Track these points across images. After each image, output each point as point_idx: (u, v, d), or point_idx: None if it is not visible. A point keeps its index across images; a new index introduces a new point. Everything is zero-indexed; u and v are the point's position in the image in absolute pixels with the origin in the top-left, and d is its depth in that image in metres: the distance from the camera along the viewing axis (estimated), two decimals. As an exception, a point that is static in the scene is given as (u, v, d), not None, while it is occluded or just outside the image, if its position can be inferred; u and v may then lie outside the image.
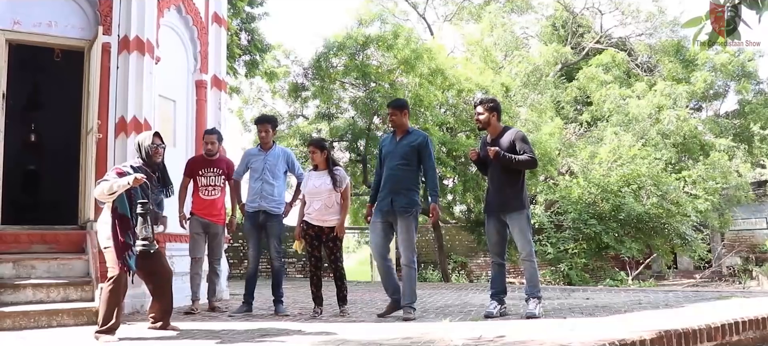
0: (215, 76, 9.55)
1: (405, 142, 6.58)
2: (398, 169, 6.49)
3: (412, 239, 6.42)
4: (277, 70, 18.81)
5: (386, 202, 6.47)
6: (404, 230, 6.41)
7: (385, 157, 6.65)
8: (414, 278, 6.47)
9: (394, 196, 6.44)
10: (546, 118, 20.73)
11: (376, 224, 6.57)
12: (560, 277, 17.99)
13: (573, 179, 19.55)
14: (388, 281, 6.58)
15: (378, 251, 6.62)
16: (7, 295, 6.53)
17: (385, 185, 6.54)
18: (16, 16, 7.69)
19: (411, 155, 6.52)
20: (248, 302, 7.12)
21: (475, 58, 21.25)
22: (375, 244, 6.64)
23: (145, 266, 5.38)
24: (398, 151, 6.55)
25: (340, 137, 17.97)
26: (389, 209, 6.45)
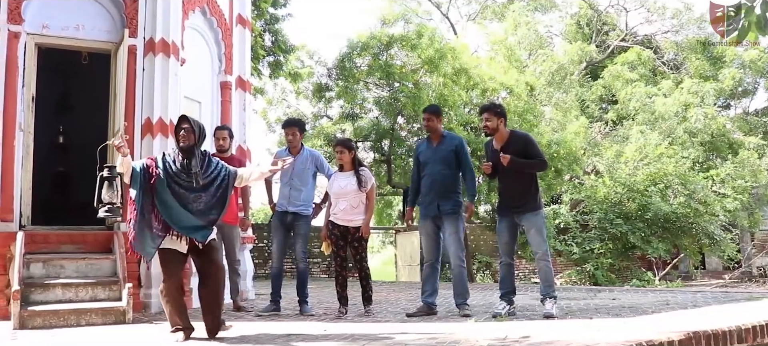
0: (240, 77, 9.60)
1: (443, 147, 6.76)
2: (441, 174, 6.69)
3: (460, 239, 6.68)
4: (301, 70, 18.87)
5: (433, 206, 6.68)
6: (453, 230, 6.65)
7: (424, 163, 6.81)
8: (465, 276, 6.82)
9: (440, 200, 6.65)
10: (571, 117, 20.58)
11: (426, 227, 6.78)
12: (586, 277, 17.86)
13: (599, 178, 19.41)
14: (431, 282, 6.72)
15: (430, 252, 6.78)
16: (38, 294, 6.63)
17: (429, 190, 6.71)
18: (45, 20, 7.79)
19: (451, 159, 6.73)
20: (276, 302, 7.13)
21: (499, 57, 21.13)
22: (427, 245, 6.81)
23: (196, 262, 5.21)
24: (438, 156, 6.74)
25: (364, 137, 17.98)
26: (436, 213, 6.66)
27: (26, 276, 6.76)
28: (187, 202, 4.91)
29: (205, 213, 4.97)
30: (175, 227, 4.89)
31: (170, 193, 4.87)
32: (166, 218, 4.87)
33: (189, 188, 4.93)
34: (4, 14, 7.52)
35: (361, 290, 6.96)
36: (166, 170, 4.92)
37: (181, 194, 4.89)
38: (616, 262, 17.86)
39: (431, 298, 6.67)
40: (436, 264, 6.79)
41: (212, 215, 5.02)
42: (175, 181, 4.91)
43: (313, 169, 7.41)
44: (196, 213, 4.93)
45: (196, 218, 4.93)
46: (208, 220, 5.01)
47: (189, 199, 4.91)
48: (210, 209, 5.00)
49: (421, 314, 6.54)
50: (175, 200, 4.87)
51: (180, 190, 4.90)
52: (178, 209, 4.88)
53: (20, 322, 6.17)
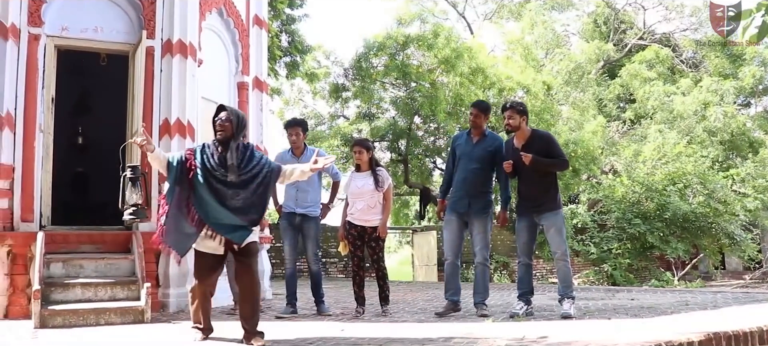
0: (256, 77, 9.63)
1: (482, 145, 6.68)
2: (474, 173, 6.62)
3: (488, 239, 6.65)
4: (318, 71, 18.93)
5: (463, 203, 6.61)
6: (481, 230, 6.60)
7: (460, 156, 6.73)
8: (488, 276, 6.74)
9: (471, 198, 6.59)
10: (588, 116, 20.50)
11: (452, 222, 6.69)
12: (604, 277, 17.76)
13: (616, 177, 19.30)
14: (453, 280, 6.68)
15: (452, 249, 6.70)
16: (58, 293, 6.69)
17: (461, 186, 6.64)
18: (64, 22, 7.86)
19: (487, 159, 6.65)
20: (293, 303, 7.08)
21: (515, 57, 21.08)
22: (450, 242, 6.71)
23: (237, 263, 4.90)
24: (475, 154, 6.66)
25: (381, 137, 18.01)
26: (466, 210, 6.60)
27: (46, 276, 6.82)
28: (225, 198, 4.57)
29: (245, 211, 4.63)
30: (211, 225, 4.60)
31: (207, 188, 4.55)
32: (202, 215, 4.57)
33: (227, 183, 4.58)
34: (25, 17, 7.59)
35: (379, 290, 6.95)
36: (203, 163, 4.60)
37: (219, 190, 4.56)
38: (635, 262, 17.74)
39: (456, 296, 6.65)
40: (456, 262, 6.73)
41: (252, 214, 4.68)
42: (213, 175, 4.58)
43: None
44: (235, 211, 4.59)
45: (235, 216, 4.60)
46: (248, 219, 4.67)
47: (227, 195, 4.57)
48: (250, 207, 4.65)
49: (449, 312, 6.54)
50: (211, 195, 4.55)
51: (217, 185, 4.56)
52: (215, 206, 4.56)
53: (41, 321, 6.23)
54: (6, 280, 7.06)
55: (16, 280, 7.08)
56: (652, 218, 17.50)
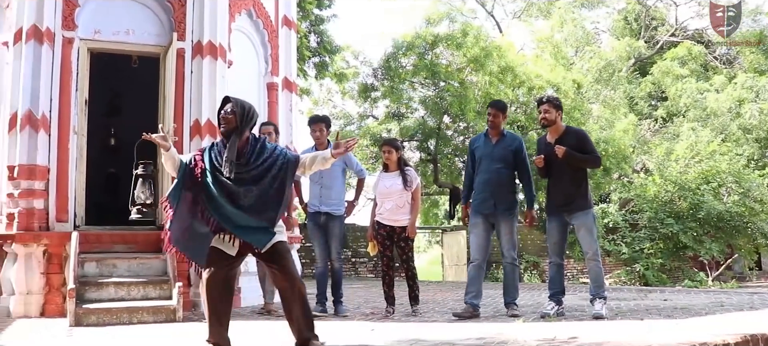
0: (286, 78, 9.67)
1: (502, 145, 6.62)
2: (498, 172, 6.54)
3: (515, 239, 6.58)
4: (347, 71, 18.97)
5: (488, 204, 6.51)
6: (508, 230, 6.53)
7: (481, 158, 6.66)
8: (517, 276, 6.68)
9: (496, 199, 6.50)
10: (619, 115, 20.30)
11: (478, 225, 6.59)
12: (636, 277, 17.58)
13: (648, 176, 19.09)
14: (475, 283, 6.54)
15: (479, 251, 6.60)
16: (92, 292, 6.79)
17: (485, 187, 6.55)
18: (97, 25, 7.98)
19: (509, 158, 6.59)
20: (322, 303, 7.09)
21: (545, 55, 20.95)
22: (477, 244, 6.61)
23: (268, 270, 4.56)
24: (496, 153, 6.58)
25: (410, 137, 18.01)
26: (492, 211, 6.52)
27: (81, 275, 6.92)
28: (237, 197, 4.12)
29: (260, 210, 4.15)
30: (227, 227, 4.13)
31: (218, 188, 4.12)
32: (217, 217, 4.12)
33: (236, 180, 4.13)
34: (59, 21, 7.73)
35: (408, 289, 6.94)
36: (211, 162, 4.20)
37: (229, 189, 4.11)
38: (667, 262, 17.54)
39: (476, 299, 6.50)
40: (483, 264, 6.61)
41: (269, 212, 4.18)
42: (222, 173, 4.15)
43: (343, 165, 7.31)
44: (249, 210, 4.12)
45: (250, 216, 4.13)
46: (266, 218, 4.17)
47: (238, 193, 4.12)
48: (265, 204, 4.17)
49: (466, 315, 6.44)
50: (223, 195, 4.11)
51: (227, 183, 4.12)
52: (228, 208, 4.11)
53: (76, 319, 6.33)
54: (42, 279, 7.19)
55: (51, 279, 7.22)
56: (685, 217, 17.28)
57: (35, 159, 7.40)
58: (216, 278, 4.17)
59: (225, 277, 4.22)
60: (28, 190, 7.35)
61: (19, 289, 7.11)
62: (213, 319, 4.18)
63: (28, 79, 7.48)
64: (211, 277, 4.17)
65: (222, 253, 4.19)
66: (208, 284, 4.17)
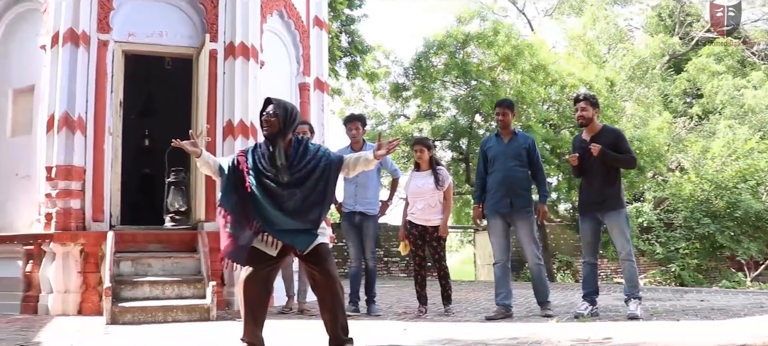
0: (317, 78, 9.71)
1: (515, 143, 6.57)
2: (514, 170, 6.48)
3: (535, 236, 6.50)
4: (378, 70, 18.98)
5: (505, 203, 6.45)
6: (527, 228, 6.45)
7: (494, 158, 6.59)
8: (544, 274, 6.60)
9: (513, 197, 6.44)
10: (653, 113, 20.04)
11: (496, 225, 6.54)
12: (671, 277, 17.34)
13: (684, 175, 18.82)
14: (504, 283, 6.48)
15: (501, 251, 6.54)
16: (127, 291, 6.89)
17: (500, 186, 6.48)
18: (131, 28, 8.11)
19: (523, 156, 6.53)
20: (355, 302, 7.11)
21: (577, 53, 20.75)
22: (498, 244, 6.56)
23: (307, 271, 4.43)
24: (510, 152, 6.53)
25: (442, 136, 17.95)
26: (509, 210, 6.45)
27: (116, 274, 7.03)
28: (281, 200, 4.07)
29: (303, 212, 4.10)
30: (270, 231, 4.08)
31: (262, 191, 4.07)
32: (261, 221, 4.07)
33: (281, 183, 4.08)
34: (94, 24, 7.86)
35: (441, 289, 6.92)
36: (255, 165, 4.14)
37: (273, 192, 4.07)
38: (704, 262, 17.26)
39: (507, 300, 6.46)
40: (507, 264, 6.54)
41: (313, 215, 4.13)
42: (266, 177, 4.10)
43: (378, 165, 7.33)
44: (293, 214, 4.08)
45: (293, 219, 4.08)
46: (309, 221, 4.12)
47: (283, 197, 4.06)
48: (309, 206, 4.12)
49: (499, 317, 6.40)
50: (267, 199, 4.07)
51: (271, 187, 4.08)
52: (272, 211, 4.06)
53: (112, 317, 6.43)
54: (79, 278, 7.32)
55: (88, 278, 7.34)
56: (722, 216, 16.99)
57: (72, 160, 7.53)
58: (254, 277, 4.12)
59: (263, 277, 4.18)
60: (65, 190, 7.48)
61: (57, 287, 7.23)
62: (248, 318, 4.14)
63: (64, 81, 7.63)
64: (249, 277, 4.12)
65: (262, 253, 4.14)
66: (245, 283, 4.13)
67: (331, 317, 4.19)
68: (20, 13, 8.49)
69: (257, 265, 4.13)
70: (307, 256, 4.17)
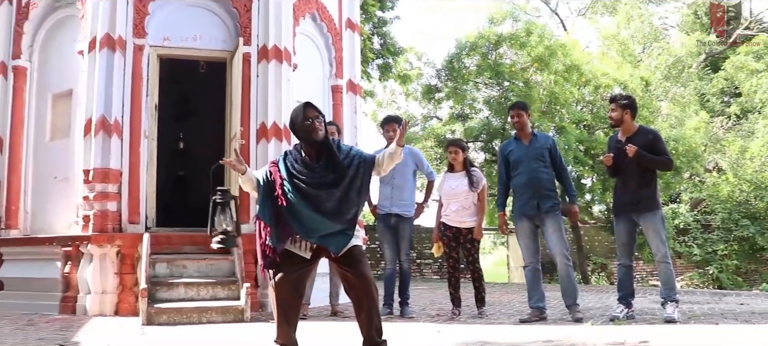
0: (350, 80, 9.73)
1: (536, 144, 6.50)
2: (538, 171, 6.40)
3: (564, 237, 6.40)
4: (410, 72, 19.00)
5: (531, 205, 6.37)
6: (556, 229, 6.34)
7: (517, 162, 6.52)
8: (573, 274, 6.45)
9: (539, 199, 6.35)
10: (690, 112, 19.73)
11: (525, 228, 6.47)
12: (709, 280, 17.06)
13: (721, 175, 18.51)
14: (536, 286, 6.42)
15: (531, 253, 6.47)
16: (163, 292, 6.97)
17: (526, 188, 6.42)
18: (166, 32, 8.21)
19: (545, 157, 6.45)
20: (389, 304, 7.09)
21: (611, 52, 20.53)
22: (527, 246, 6.50)
23: (340, 273, 4.32)
24: (533, 153, 6.46)
25: (474, 138, 17.89)
26: (536, 212, 6.37)
27: (152, 275, 7.10)
28: (319, 202, 4.05)
29: (341, 212, 4.08)
30: (307, 237, 4.08)
31: (299, 196, 4.05)
32: (297, 227, 4.07)
33: (319, 184, 4.07)
34: (130, 29, 7.97)
35: (474, 291, 6.89)
36: (288, 172, 4.12)
37: (311, 195, 4.05)
38: (743, 264, 16.96)
39: (541, 302, 6.41)
40: (538, 266, 6.47)
41: (349, 213, 4.11)
42: (303, 181, 4.08)
43: (414, 166, 7.31)
44: (330, 215, 4.06)
45: (331, 220, 4.06)
46: (345, 220, 4.10)
47: (320, 198, 4.04)
48: (346, 205, 4.10)
49: (534, 319, 6.33)
50: (305, 203, 4.04)
51: (309, 189, 4.06)
52: (310, 214, 4.04)
53: (148, 318, 6.50)
54: (116, 279, 7.42)
55: (124, 279, 7.44)
56: (762, 218, 16.69)
57: (109, 163, 7.63)
58: (287, 279, 4.08)
59: (295, 279, 4.14)
60: (102, 193, 7.59)
61: (95, 288, 7.34)
62: (281, 320, 4.11)
63: (101, 85, 7.74)
64: (281, 279, 4.08)
65: (294, 255, 4.13)
66: (278, 285, 4.09)
67: (366, 319, 4.14)
68: (59, 20, 8.64)
69: (290, 267, 4.11)
70: (341, 258, 4.12)
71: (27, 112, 8.62)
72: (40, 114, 8.57)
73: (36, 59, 8.74)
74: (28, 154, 8.55)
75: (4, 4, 8.84)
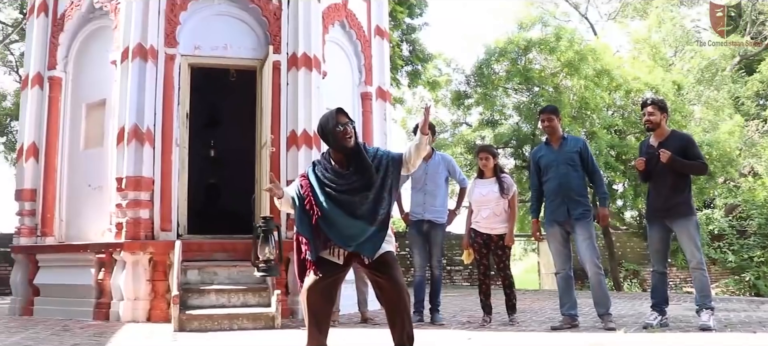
0: (379, 87, 9.74)
1: (566, 148, 6.41)
2: (568, 175, 6.31)
3: (595, 244, 6.27)
4: (439, 79, 18.97)
5: (562, 211, 6.29)
6: (586, 235, 6.23)
7: (547, 166, 6.45)
8: (604, 282, 6.31)
9: (569, 204, 6.26)
10: (724, 116, 19.42)
11: (556, 234, 6.39)
12: (745, 287, 16.77)
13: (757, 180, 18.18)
14: (568, 293, 6.34)
15: (562, 260, 6.39)
16: (194, 299, 7.03)
17: (556, 194, 6.33)
18: (196, 41, 8.31)
19: (576, 161, 6.35)
20: (419, 311, 7.06)
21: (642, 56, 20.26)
22: (558, 253, 6.42)
23: (372, 279, 4.24)
24: (563, 157, 6.37)
25: (504, 143, 17.80)
26: (566, 218, 6.28)
27: (184, 282, 7.17)
28: (354, 207, 4.03)
29: (375, 212, 4.05)
30: (345, 245, 4.05)
31: (332, 204, 4.04)
32: (332, 235, 4.05)
33: (351, 190, 4.05)
34: (162, 39, 8.07)
35: (505, 298, 6.84)
36: (320, 181, 4.11)
37: (345, 201, 4.04)
38: (781, 271, 16.65)
39: (573, 310, 6.31)
40: (569, 273, 6.39)
41: (381, 212, 4.06)
42: (335, 189, 4.06)
43: (446, 173, 7.31)
44: (365, 217, 4.03)
45: (366, 222, 4.03)
46: (378, 221, 4.05)
47: (354, 203, 4.04)
48: (379, 205, 4.07)
49: (566, 327, 6.26)
50: (339, 210, 4.04)
51: (343, 196, 4.04)
52: (346, 220, 4.03)
53: (179, 325, 6.56)
54: (148, 286, 7.50)
55: (156, 286, 7.52)
56: (800, 222, 16.38)
57: (141, 171, 7.73)
58: (317, 287, 4.06)
59: (326, 287, 4.11)
60: (135, 200, 7.68)
61: (127, 295, 7.42)
62: (312, 327, 4.09)
63: (134, 94, 7.84)
64: (312, 286, 4.05)
65: (326, 262, 4.10)
66: (308, 293, 4.06)
67: (398, 325, 4.09)
68: (93, 31, 8.79)
69: (321, 274, 4.07)
70: (374, 264, 4.08)
71: (62, 122, 8.77)
72: (75, 123, 8.72)
73: (71, 70, 8.90)
74: (63, 162, 8.69)
75: (41, 16, 9.02)
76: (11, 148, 17.70)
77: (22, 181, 8.75)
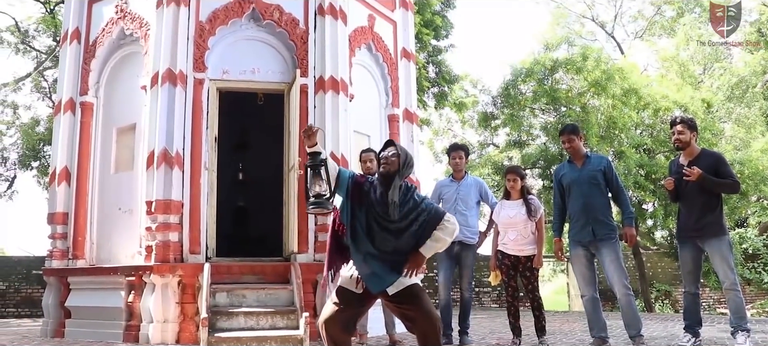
0: (406, 109, 9.76)
1: (589, 167, 6.28)
2: (592, 195, 6.19)
3: (622, 264, 6.10)
4: (466, 100, 18.98)
5: (586, 231, 6.16)
6: (613, 256, 6.08)
7: (569, 186, 6.34)
8: (634, 303, 6.13)
9: (594, 225, 6.13)
10: (756, 133, 19.15)
11: (580, 256, 6.26)
12: (782, 308, 16.42)
13: (791, 198, 17.84)
14: (596, 316, 6.22)
15: (587, 283, 6.25)
16: (223, 321, 7.06)
17: (581, 214, 6.22)
18: (225, 66, 8.40)
19: (600, 180, 6.22)
20: (448, 335, 6.97)
21: (670, 74, 20.12)
22: (583, 275, 6.28)
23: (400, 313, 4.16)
24: (585, 177, 6.25)
25: (532, 164, 17.72)
26: (591, 239, 6.15)
27: (212, 304, 7.21)
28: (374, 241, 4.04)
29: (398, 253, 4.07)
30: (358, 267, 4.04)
31: (364, 223, 4.06)
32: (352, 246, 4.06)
33: (382, 225, 4.05)
34: (191, 64, 8.17)
35: (534, 320, 6.75)
36: (368, 194, 4.12)
37: (372, 229, 4.05)
38: (819, 292, 16.29)
39: (603, 332, 6.19)
40: (595, 295, 6.24)
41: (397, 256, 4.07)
42: (373, 212, 4.07)
43: (477, 196, 7.28)
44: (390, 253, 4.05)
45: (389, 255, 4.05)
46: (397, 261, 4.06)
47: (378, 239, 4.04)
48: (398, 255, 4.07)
49: None
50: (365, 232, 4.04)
51: (373, 224, 4.06)
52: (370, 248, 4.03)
53: (208, 348, 6.59)
54: (177, 308, 7.53)
55: (185, 308, 7.55)
56: (836, 241, 16.03)
57: (170, 194, 7.79)
58: (334, 319, 4.02)
59: (347, 319, 4.06)
60: (164, 223, 7.75)
61: (157, 317, 7.47)
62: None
63: (163, 119, 7.94)
64: (330, 318, 4.02)
65: (347, 292, 4.09)
66: (328, 323, 4.02)
67: None
68: (123, 57, 8.94)
69: (341, 305, 4.06)
70: (399, 298, 4.06)
71: (93, 146, 8.89)
72: (106, 147, 8.83)
73: (102, 95, 9.03)
74: (94, 186, 8.80)
75: (73, 43, 9.18)
76: (44, 173, 17.99)
77: (54, 204, 8.86)
